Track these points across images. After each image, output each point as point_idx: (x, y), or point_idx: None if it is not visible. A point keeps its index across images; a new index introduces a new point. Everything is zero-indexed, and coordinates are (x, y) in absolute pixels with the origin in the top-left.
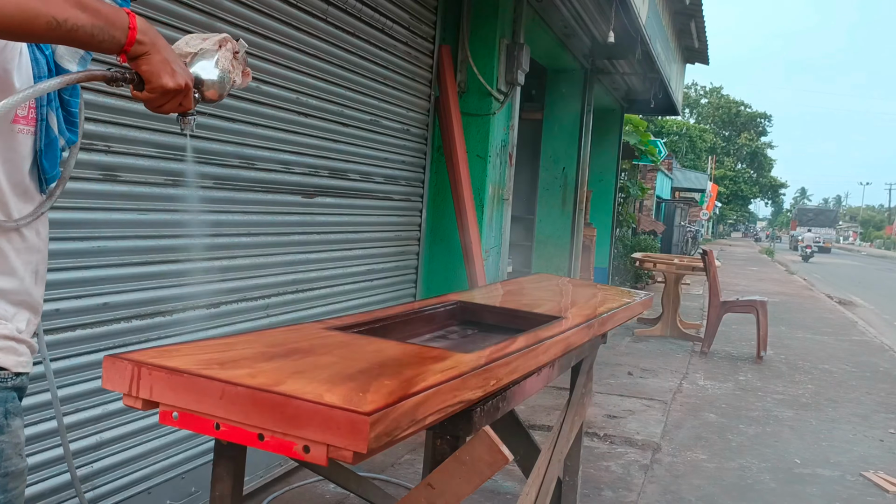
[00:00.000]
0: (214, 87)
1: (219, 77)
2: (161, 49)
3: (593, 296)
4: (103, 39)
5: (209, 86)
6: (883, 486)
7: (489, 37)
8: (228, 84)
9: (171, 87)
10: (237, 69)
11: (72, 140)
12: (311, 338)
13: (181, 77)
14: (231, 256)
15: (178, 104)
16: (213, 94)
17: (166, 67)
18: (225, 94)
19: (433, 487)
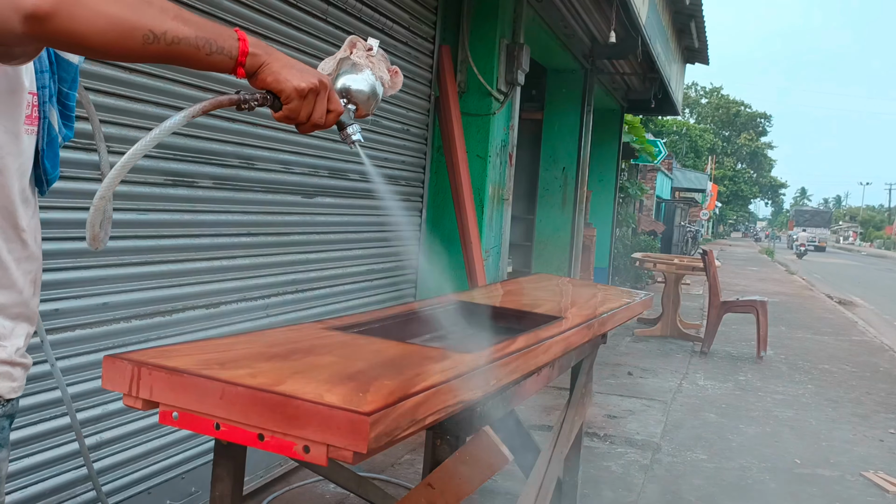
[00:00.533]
0: (365, 93)
1: (365, 82)
2: (279, 57)
3: (593, 296)
4: (211, 52)
5: (359, 94)
6: (883, 486)
7: (489, 37)
8: (379, 86)
9: (304, 86)
10: (378, 66)
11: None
12: (311, 338)
13: (312, 75)
14: (231, 256)
15: (323, 110)
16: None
17: (290, 70)
18: (379, 98)
19: (433, 487)
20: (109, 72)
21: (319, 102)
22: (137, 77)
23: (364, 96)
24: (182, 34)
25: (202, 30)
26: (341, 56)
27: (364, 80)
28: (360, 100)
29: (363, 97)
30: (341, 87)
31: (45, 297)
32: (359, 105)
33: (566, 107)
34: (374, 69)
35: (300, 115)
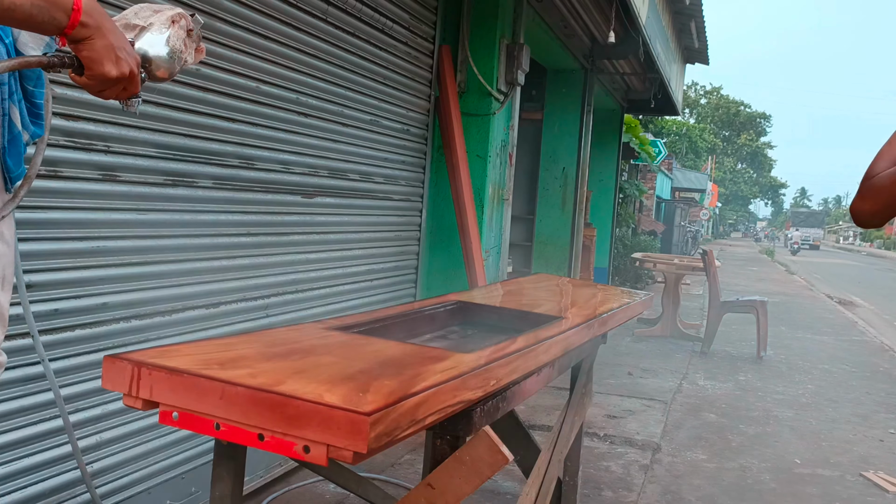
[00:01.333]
0: (163, 66)
1: (168, 55)
2: (107, 33)
3: (593, 296)
4: (43, 21)
5: (157, 65)
6: (883, 486)
7: (489, 37)
8: (179, 63)
9: (113, 75)
10: (190, 48)
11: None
12: (311, 338)
13: (125, 64)
14: (230, 256)
15: (121, 89)
16: (162, 74)
17: (110, 54)
18: (175, 73)
19: (433, 487)
20: None
21: (119, 86)
22: None
23: (160, 69)
24: (19, 1)
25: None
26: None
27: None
28: (153, 70)
29: (157, 69)
30: (140, 48)
31: (44, 297)
32: (151, 74)
33: (566, 107)
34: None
35: (95, 91)
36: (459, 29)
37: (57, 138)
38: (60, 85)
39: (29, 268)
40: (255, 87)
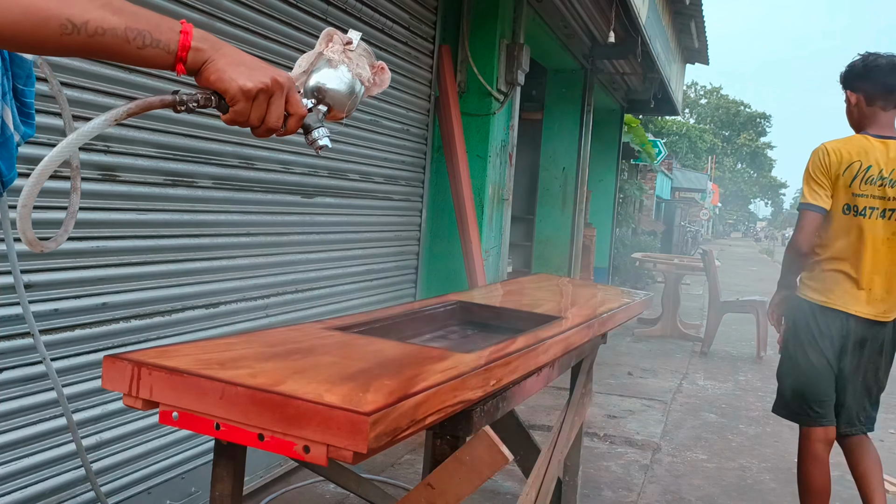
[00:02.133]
0: (340, 91)
1: (339, 79)
2: (229, 53)
3: (593, 296)
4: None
5: (334, 94)
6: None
7: (489, 37)
8: (357, 84)
9: (251, 87)
10: (358, 62)
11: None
12: (311, 338)
13: (263, 73)
14: (230, 256)
15: (279, 113)
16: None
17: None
18: (358, 97)
19: (433, 487)
20: (109, 72)
21: (274, 105)
22: (137, 77)
23: (339, 96)
24: (108, 25)
25: (136, 20)
26: (318, 51)
27: (339, 77)
28: (335, 100)
29: (338, 97)
30: (313, 85)
31: (44, 297)
32: (332, 106)
33: (566, 107)
34: (352, 65)
35: (250, 119)
36: (459, 29)
37: (56, 138)
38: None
39: (29, 268)
40: None
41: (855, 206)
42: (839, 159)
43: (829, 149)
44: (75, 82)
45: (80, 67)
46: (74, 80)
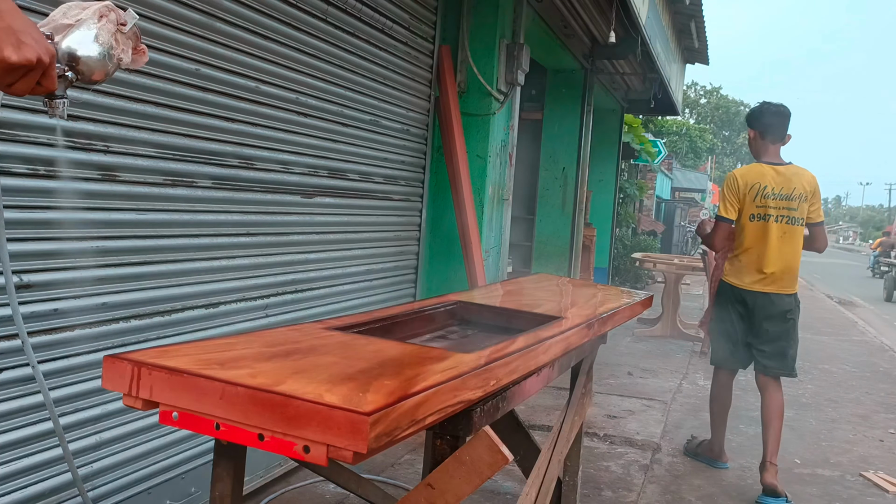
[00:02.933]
0: (94, 66)
1: (99, 54)
2: (5, 14)
3: (593, 296)
4: None
5: (87, 64)
6: (883, 486)
7: (489, 37)
8: (112, 63)
9: (13, 60)
10: (123, 45)
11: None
12: (311, 338)
13: (31, 50)
14: (230, 256)
15: (33, 83)
16: (96, 76)
17: (9, 38)
18: (109, 74)
19: (433, 487)
20: None
21: (29, 78)
22: (137, 77)
23: (91, 70)
24: None
25: None
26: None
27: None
28: (85, 71)
29: (89, 70)
30: (69, 50)
31: (43, 297)
32: (81, 75)
33: (566, 107)
34: (117, 48)
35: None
36: (459, 29)
37: (56, 138)
38: None
39: (29, 268)
40: (255, 87)
41: (759, 215)
42: (745, 183)
43: (737, 175)
44: None
45: None
46: None
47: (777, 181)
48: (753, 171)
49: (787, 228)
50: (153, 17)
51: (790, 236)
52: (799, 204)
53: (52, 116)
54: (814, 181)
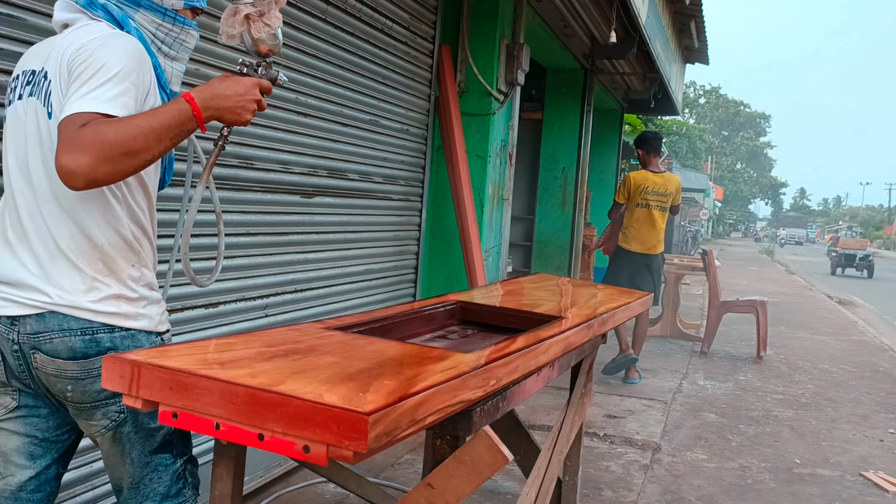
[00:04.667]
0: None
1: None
2: (222, 101)
3: (593, 296)
4: (186, 132)
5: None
6: (883, 486)
7: (489, 37)
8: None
9: (249, 118)
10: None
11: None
12: (311, 338)
13: (250, 104)
14: (230, 256)
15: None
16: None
17: (237, 113)
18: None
19: (433, 487)
20: None
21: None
22: None
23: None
24: (165, 147)
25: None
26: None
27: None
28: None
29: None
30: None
31: None
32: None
33: (566, 107)
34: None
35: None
36: (459, 29)
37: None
38: None
39: None
40: None
41: (643, 203)
42: (635, 183)
43: (632, 177)
44: None
45: None
46: None
47: (657, 183)
48: (641, 175)
49: (660, 214)
50: None
51: (661, 218)
52: (669, 198)
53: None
54: (678, 184)
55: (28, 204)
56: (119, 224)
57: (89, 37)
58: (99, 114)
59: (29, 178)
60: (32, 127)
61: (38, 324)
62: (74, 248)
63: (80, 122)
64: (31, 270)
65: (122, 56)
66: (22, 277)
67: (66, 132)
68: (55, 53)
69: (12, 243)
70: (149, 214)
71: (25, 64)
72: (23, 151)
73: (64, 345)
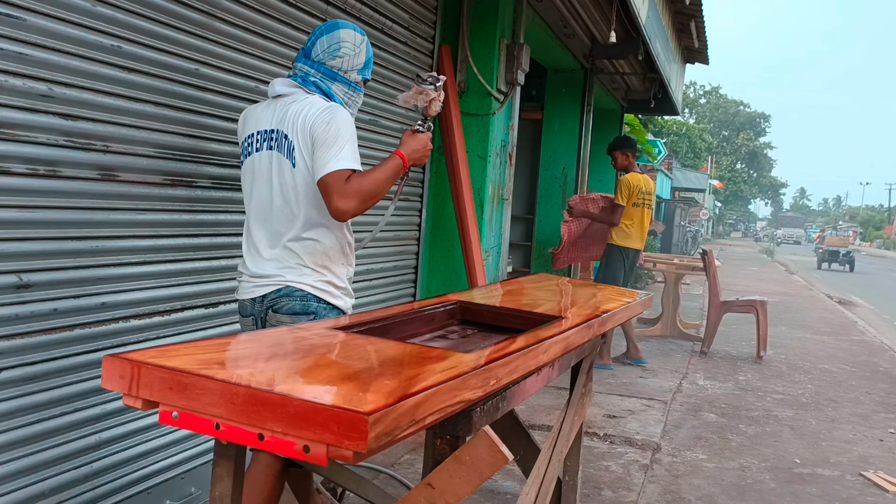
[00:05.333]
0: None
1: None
2: (414, 153)
3: (593, 296)
4: (397, 177)
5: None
6: (883, 486)
7: (489, 37)
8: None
9: (426, 160)
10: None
11: None
12: (311, 338)
13: (427, 151)
14: (229, 256)
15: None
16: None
17: (422, 158)
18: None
19: (433, 487)
20: (108, 72)
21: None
22: (137, 77)
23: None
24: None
25: (392, 178)
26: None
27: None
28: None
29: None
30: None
31: (43, 297)
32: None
33: (566, 107)
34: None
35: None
36: (459, 29)
37: (56, 138)
38: (59, 85)
39: (29, 268)
40: (255, 87)
41: (640, 202)
42: (634, 184)
43: (629, 179)
44: (74, 82)
45: (79, 67)
46: (73, 80)
47: (646, 183)
48: (635, 177)
49: (648, 212)
50: (153, 17)
51: (649, 216)
52: (653, 197)
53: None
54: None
55: (270, 223)
56: (337, 236)
57: (317, 109)
58: (351, 170)
59: (271, 206)
60: (276, 172)
61: (275, 295)
62: (304, 251)
63: (343, 177)
64: (273, 267)
65: (346, 124)
66: (266, 271)
67: (335, 185)
68: (289, 120)
69: (260, 250)
70: (351, 233)
71: (256, 125)
72: (267, 189)
73: (287, 310)
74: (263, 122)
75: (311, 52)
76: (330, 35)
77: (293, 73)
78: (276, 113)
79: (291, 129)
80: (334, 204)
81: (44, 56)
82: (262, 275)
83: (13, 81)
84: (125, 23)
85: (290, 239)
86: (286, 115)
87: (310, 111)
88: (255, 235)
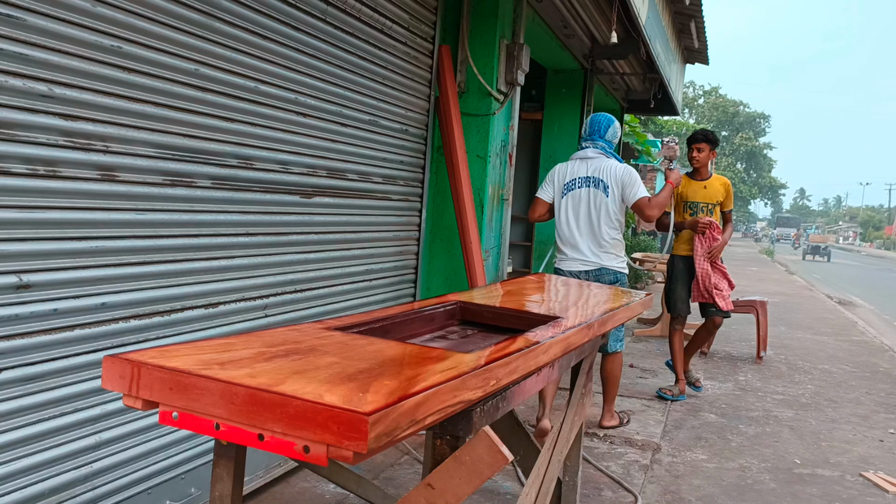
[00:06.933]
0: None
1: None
2: (676, 183)
3: (593, 296)
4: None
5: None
6: (883, 486)
7: (489, 37)
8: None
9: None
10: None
11: None
12: (311, 338)
13: (680, 181)
14: (229, 256)
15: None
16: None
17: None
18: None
19: (433, 487)
20: (108, 72)
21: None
22: (137, 77)
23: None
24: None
25: (669, 199)
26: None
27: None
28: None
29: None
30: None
31: (43, 298)
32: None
33: (566, 107)
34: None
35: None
36: (459, 29)
37: (56, 138)
38: (59, 85)
39: (29, 268)
40: (254, 87)
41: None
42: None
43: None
44: (74, 82)
45: (79, 67)
46: (73, 81)
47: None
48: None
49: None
50: (153, 17)
51: None
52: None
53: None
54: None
55: (587, 231)
56: (620, 233)
57: (620, 167)
58: (648, 197)
59: (590, 221)
60: (594, 201)
61: (596, 272)
62: (611, 244)
63: (646, 200)
64: (593, 255)
65: (636, 174)
66: (588, 258)
67: (645, 204)
68: (604, 173)
69: (580, 246)
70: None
71: (575, 174)
72: (585, 211)
73: (607, 280)
74: (580, 171)
75: (606, 134)
76: (614, 126)
77: (593, 145)
78: (590, 167)
79: (607, 178)
80: (649, 214)
81: (44, 56)
82: (582, 258)
83: (13, 81)
84: (125, 23)
85: (603, 239)
86: (599, 170)
87: (619, 168)
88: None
